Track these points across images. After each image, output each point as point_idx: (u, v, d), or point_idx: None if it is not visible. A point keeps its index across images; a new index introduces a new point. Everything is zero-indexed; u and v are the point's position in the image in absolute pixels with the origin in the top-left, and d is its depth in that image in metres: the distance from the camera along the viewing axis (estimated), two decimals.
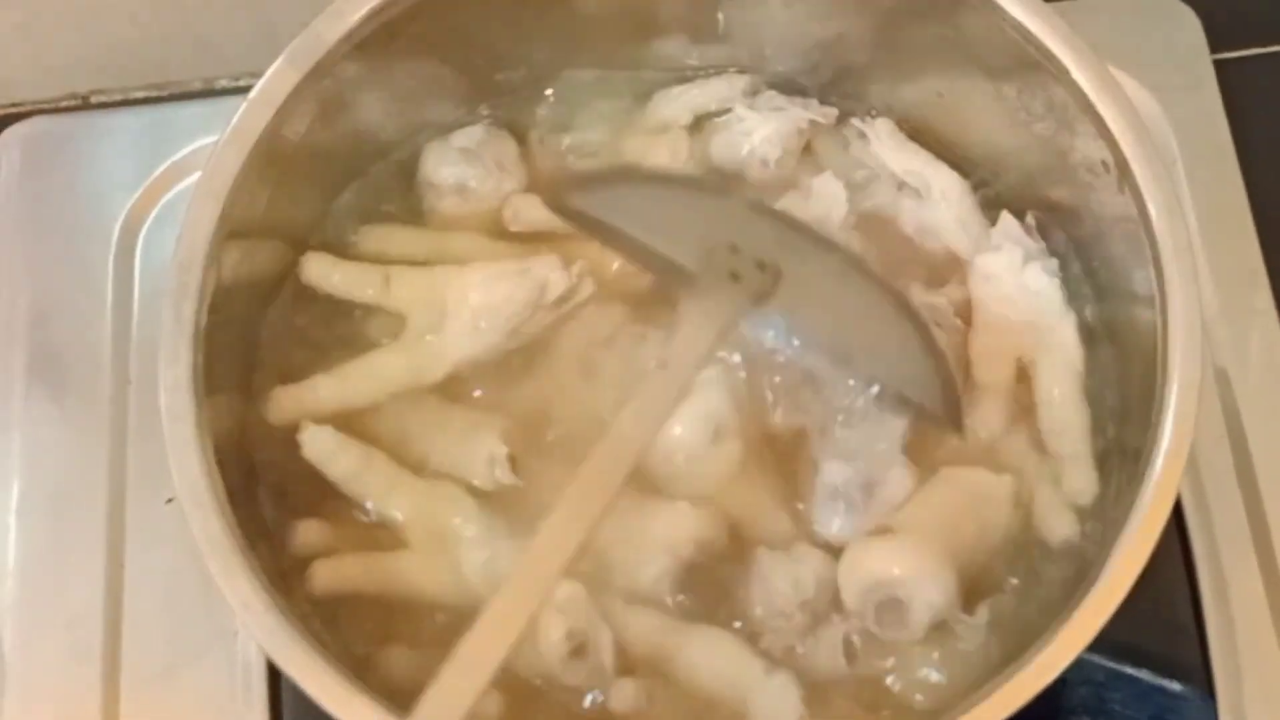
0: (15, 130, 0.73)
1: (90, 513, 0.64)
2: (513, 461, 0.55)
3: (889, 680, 0.53)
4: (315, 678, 0.47)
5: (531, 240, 0.60)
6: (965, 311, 0.58)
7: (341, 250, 0.60)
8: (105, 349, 0.67)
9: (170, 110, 0.74)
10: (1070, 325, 0.57)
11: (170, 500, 0.62)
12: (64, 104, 0.76)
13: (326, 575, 0.54)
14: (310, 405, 0.57)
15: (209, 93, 0.75)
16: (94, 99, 0.76)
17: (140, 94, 0.76)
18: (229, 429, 0.55)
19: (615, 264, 0.58)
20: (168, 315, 0.51)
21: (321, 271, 0.59)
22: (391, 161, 0.63)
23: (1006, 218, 0.59)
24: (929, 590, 0.51)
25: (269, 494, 0.57)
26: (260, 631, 0.48)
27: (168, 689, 0.61)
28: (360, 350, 0.58)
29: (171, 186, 0.70)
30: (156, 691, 0.61)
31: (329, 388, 0.57)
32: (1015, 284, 0.57)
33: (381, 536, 0.56)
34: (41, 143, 0.72)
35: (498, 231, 0.61)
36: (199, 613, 0.61)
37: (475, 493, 0.55)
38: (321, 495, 0.56)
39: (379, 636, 0.54)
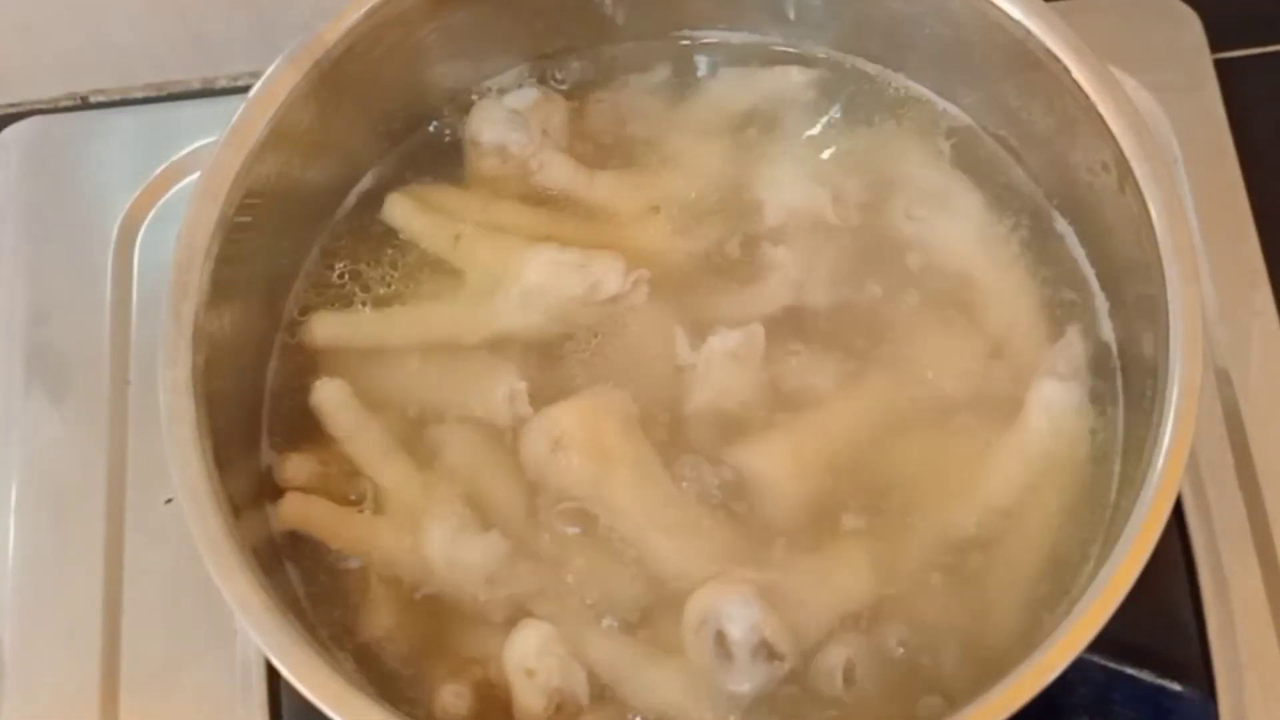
0: (14, 130, 0.73)
1: (90, 513, 0.64)
2: (530, 396, 0.56)
3: None
4: (313, 677, 0.47)
5: (557, 205, 0.61)
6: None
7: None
8: (104, 349, 0.67)
9: (169, 110, 0.74)
10: (1084, 477, 0.56)
11: (170, 500, 0.62)
12: (63, 104, 0.76)
13: (295, 509, 0.56)
14: (349, 335, 0.59)
15: (208, 93, 0.75)
16: (93, 99, 0.76)
17: (139, 94, 0.76)
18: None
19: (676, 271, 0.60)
20: (167, 316, 0.52)
21: (402, 215, 0.61)
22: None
23: (1073, 335, 0.57)
24: (735, 607, 0.51)
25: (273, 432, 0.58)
26: (258, 631, 0.48)
27: (167, 689, 0.61)
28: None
29: (170, 186, 0.70)
30: (156, 691, 0.61)
31: (371, 323, 0.59)
32: (1072, 427, 0.56)
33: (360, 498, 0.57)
34: (40, 143, 0.72)
35: (536, 195, 0.61)
36: (198, 613, 0.62)
37: (459, 489, 0.56)
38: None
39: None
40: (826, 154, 0.62)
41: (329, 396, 0.57)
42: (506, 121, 0.61)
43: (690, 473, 0.56)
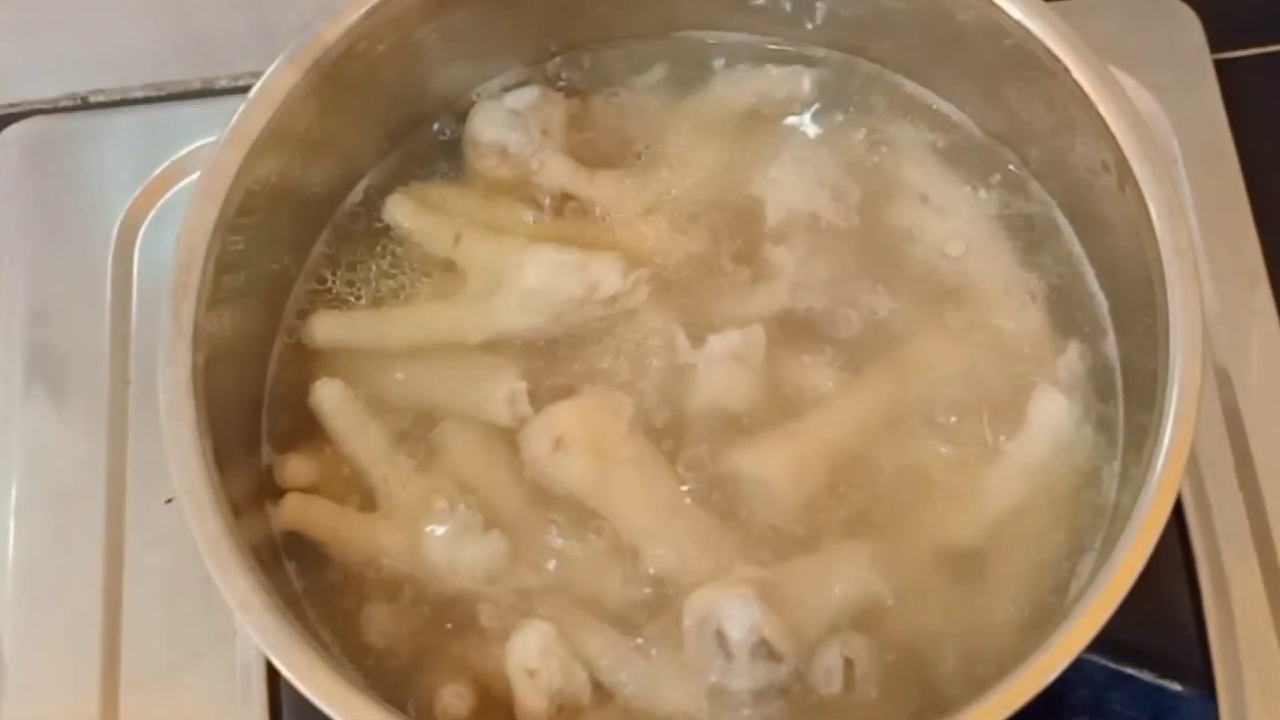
0: (14, 130, 0.73)
1: (90, 513, 0.64)
2: (530, 396, 0.56)
3: None
4: (313, 677, 0.47)
5: (557, 205, 0.61)
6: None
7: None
8: (104, 349, 0.67)
9: (169, 110, 0.74)
10: (1084, 482, 0.56)
11: (170, 500, 0.62)
12: (63, 104, 0.76)
13: (295, 510, 0.56)
14: (349, 335, 0.59)
15: (208, 93, 0.75)
16: (93, 99, 0.76)
17: (139, 94, 0.76)
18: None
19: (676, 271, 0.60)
20: (167, 316, 0.51)
21: (403, 215, 0.61)
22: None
23: (1074, 349, 0.57)
24: (734, 607, 0.51)
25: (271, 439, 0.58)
26: (258, 631, 0.48)
27: (167, 689, 0.61)
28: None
29: (170, 186, 0.70)
30: (156, 691, 0.61)
31: (371, 323, 0.59)
32: (1074, 438, 0.56)
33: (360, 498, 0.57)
34: (40, 143, 0.72)
35: (536, 196, 0.61)
36: (198, 613, 0.62)
37: (459, 490, 0.56)
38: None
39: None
40: (826, 154, 0.62)
41: (328, 396, 0.57)
42: (506, 122, 0.61)
43: (691, 474, 0.56)
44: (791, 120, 0.63)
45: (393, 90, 0.61)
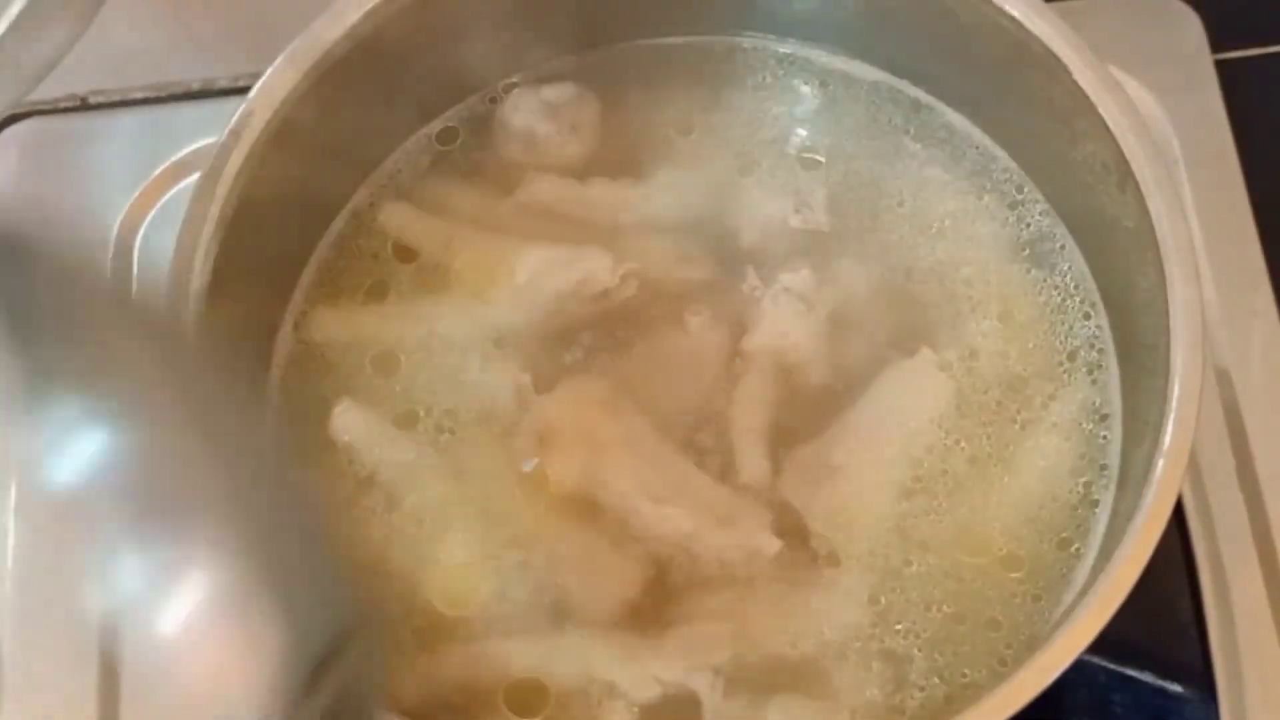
0: (13, 130, 0.73)
1: None
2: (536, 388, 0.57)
3: None
4: None
5: (549, 219, 0.61)
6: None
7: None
8: None
9: (169, 111, 0.74)
10: (1076, 498, 0.56)
11: None
12: (62, 104, 0.76)
13: None
14: (350, 334, 0.59)
15: (208, 93, 0.75)
16: (92, 99, 0.76)
17: (139, 95, 0.76)
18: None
19: (668, 265, 0.60)
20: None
21: (399, 218, 0.61)
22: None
23: (1077, 385, 0.57)
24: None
25: None
26: None
27: None
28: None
29: (170, 187, 0.70)
30: None
31: (373, 322, 0.60)
32: (1069, 468, 0.56)
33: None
34: (39, 143, 0.72)
35: (535, 202, 0.62)
36: None
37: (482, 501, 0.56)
38: None
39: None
40: (826, 161, 0.62)
41: (346, 427, 0.57)
42: (539, 111, 0.62)
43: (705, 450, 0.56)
44: (792, 127, 0.63)
45: (392, 90, 0.61)
